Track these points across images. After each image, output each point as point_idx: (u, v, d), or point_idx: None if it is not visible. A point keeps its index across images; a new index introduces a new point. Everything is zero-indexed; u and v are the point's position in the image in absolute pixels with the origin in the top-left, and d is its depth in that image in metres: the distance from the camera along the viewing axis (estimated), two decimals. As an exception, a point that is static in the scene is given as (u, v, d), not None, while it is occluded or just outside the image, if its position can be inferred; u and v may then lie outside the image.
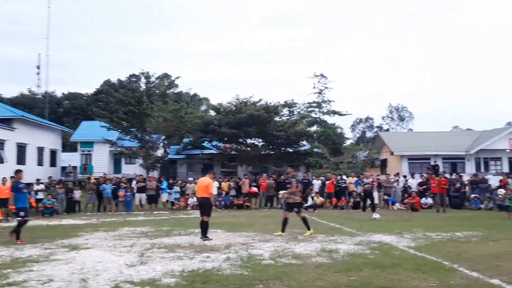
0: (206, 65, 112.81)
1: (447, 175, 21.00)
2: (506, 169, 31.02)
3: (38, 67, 72.16)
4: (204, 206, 10.36)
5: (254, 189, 20.86)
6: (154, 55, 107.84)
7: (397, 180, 20.56)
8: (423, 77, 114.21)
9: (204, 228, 10.08)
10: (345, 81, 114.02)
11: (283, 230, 10.71)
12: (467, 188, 20.05)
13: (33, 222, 15.52)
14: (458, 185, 19.31)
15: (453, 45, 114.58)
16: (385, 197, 19.65)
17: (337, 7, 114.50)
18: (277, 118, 30.78)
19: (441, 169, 26.51)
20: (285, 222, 10.77)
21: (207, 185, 10.43)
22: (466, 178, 22.50)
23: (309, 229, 10.67)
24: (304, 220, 10.81)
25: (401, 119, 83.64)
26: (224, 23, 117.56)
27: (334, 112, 63.71)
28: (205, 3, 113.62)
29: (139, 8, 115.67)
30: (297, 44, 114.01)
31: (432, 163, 29.72)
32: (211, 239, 9.85)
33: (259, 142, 30.64)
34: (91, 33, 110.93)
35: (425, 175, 21.23)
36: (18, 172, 11.12)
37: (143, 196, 20.06)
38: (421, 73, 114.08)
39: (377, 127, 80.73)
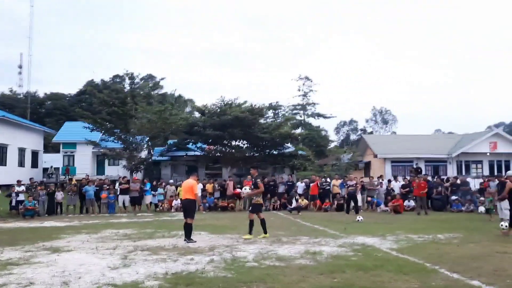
0: (191, 66, 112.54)
1: (429, 178, 21.28)
2: (486, 172, 31.60)
3: (20, 67, 71.15)
4: (188, 208, 10.32)
5: (239, 190, 20.83)
6: (139, 55, 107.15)
7: (381, 182, 20.75)
8: (407, 81, 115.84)
9: (188, 230, 10.04)
10: (329, 84, 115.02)
11: (250, 232, 10.52)
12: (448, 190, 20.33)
13: (14, 224, 15.29)
14: (440, 188, 19.56)
15: (436, 50, 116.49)
16: (369, 198, 19.81)
17: (322, 10, 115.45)
18: (262, 120, 30.86)
19: (423, 172, 26.90)
20: (251, 224, 10.61)
21: (191, 186, 10.39)
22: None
23: (265, 233, 10.50)
24: (263, 222, 10.60)
25: (385, 122, 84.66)
26: (210, 25, 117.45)
27: (319, 115, 64.31)
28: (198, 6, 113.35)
29: (125, 7, 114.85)
30: (282, 46, 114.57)
31: (415, 166, 30.13)
32: (195, 241, 9.80)
33: (243, 144, 30.65)
34: (74, 33, 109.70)
35: (408, 177, 21.46)
36: None
37: (127, 198, 19.88)
38: (405, 76, 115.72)
39: (361, 130, 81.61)
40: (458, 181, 19.98)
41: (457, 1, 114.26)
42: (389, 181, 21.13)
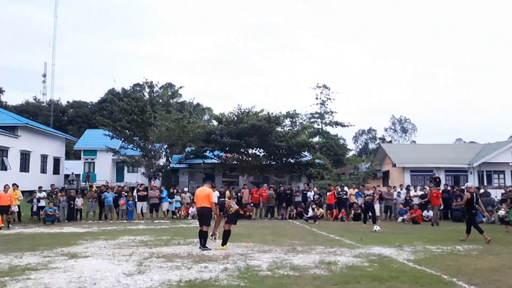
0: (209, 75, 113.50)
1: (449, 188, 20.91)
2: (509, 182, 30.93)
3: (44, 76, 73.04)
4: (204, 215, 10.35)
5: (256, 196, 20.85)
6: (158, 64, 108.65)
7: (399, 192, 20.47)
8: (428, 90, 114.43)
9: (203, 238, 10.07)
10: (348, 92, 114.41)
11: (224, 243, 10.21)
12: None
13: (34, 230, 15.59)
14: (459, 198, 19.18)
15: (458, 58, 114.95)
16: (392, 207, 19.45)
17: (339, 16, 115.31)
18: (278, 129, 30.87)
19: (443, 182, 26.44)
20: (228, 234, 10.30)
21: (207, 194, 10.42)
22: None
23: (224, 244, 10.13)
24: (228, 233, 10.32)
25: (404, 131, 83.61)
26: (229, 34, 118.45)
27: (337, 123, 63.84)
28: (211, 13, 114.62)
29: (145, 18, 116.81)
30: (301, 54, 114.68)
31: (434, 176, 29.66)
32: (210, 249, 9.84)
33: (260, 152, 30.68)
34: (95, 42, 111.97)
35: (426, 187, 21.13)
36: None
37: (144, 204, 20.11)
38: (426, 85, 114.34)
39: (380, 138, 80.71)
40: (481, 191, 19.57)
41: None
42: (408, 189, 20.84)
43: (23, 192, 25.91)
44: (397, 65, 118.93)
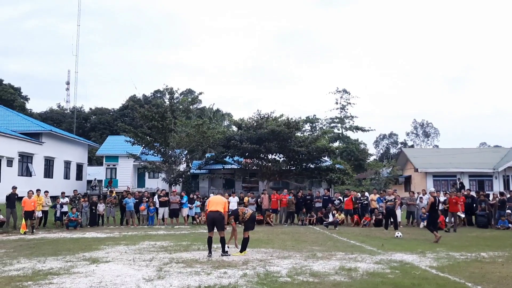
0: (228, 82, 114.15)
1: (473, 193, 20.45)
2: (536, 187, 30.03)
3: (68, 83, 74.70)
4: (216, 220, 9.96)
5: (274, 201, 20.76)
6: (178, 71, 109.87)
7: (421, 197, 20.08)
8: (451, 93, 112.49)
9: (223, 244, 10.03)
10: (368, 97, 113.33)
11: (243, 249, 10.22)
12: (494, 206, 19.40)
13: (57, 235, 15.88)
14: (483, 204, 18.74)
15: (482, 61, 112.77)
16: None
17: (359, 20, 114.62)
18: (298, 134, 30.73)
19: (466, 187, 25.88)
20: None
21: (224, 202, 10.27)
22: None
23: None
24: (246, 240, 10.26)
25: (426, 135, 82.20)
26: (246, 40, 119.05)
27: (357, 128, 63.32)
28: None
29: (166, 26, 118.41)
30: (319, 59, 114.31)
31: (457, 181, 29.06)
32: (229, 255, 9.82)
33: (280, 158, 30.58)
34: (117, 51, 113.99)
35: (448, 193, 20.72)
36: None
37: (165, 210, 20.26)
38: (449, 89, 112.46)
39: (401, 143, 79.52)
40: (508, 196, 19.05)
41: None
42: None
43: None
44: (420, 69, 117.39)
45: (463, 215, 17.12)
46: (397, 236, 13.94)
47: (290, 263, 8.84)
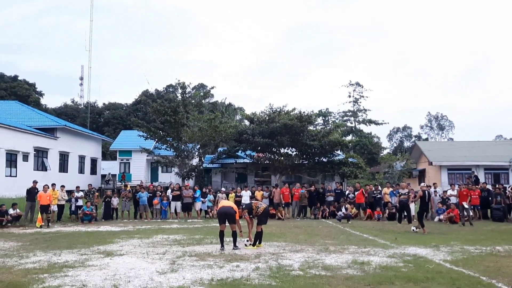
0: (241, 76, 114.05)
1: (489, 186, 20.17)
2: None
3: (81, 79, 75.36)
4: (228, 215, 10.12)
5: (286, 194, 20.73)
6: (190, 66, 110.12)
7: (435, 191, 19.89)
8: (466, 86, 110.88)
9: (235, 238, 10.07)
10: (382, 89, 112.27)
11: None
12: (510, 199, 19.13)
13: (72, 228, 16.11)
14: (499, 197, 18.47)
15: (498, 53, 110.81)
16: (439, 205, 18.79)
17: (373, 14, 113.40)
18: (311, 127, 30.59)
19: (482, 180, 25.55)
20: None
21: (235, 207, 10.47)
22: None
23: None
24: (260, 234, 10.34)
25: (441, 128, 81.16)
26: (258, 31, 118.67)
27: (370, 121, 62.84)
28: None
29: (178, 22, 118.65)
30: (331, 52, 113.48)
31: (473, 174, 28.70)
32: (239, 248, 9.85)
33: (292, 152, 30.51)
34: (130, 46, 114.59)
35: (458, 185, 20.48)
36: None
37: (178, 204, 20.39)
38: (464, 81, 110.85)
39: (415, 136, 78.62)
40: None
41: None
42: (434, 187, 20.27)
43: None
44: (435, 61, 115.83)
45: (466, 206, 16.88)
46: (413, 230, 13.81)
47: (303, 257, 8.84)
